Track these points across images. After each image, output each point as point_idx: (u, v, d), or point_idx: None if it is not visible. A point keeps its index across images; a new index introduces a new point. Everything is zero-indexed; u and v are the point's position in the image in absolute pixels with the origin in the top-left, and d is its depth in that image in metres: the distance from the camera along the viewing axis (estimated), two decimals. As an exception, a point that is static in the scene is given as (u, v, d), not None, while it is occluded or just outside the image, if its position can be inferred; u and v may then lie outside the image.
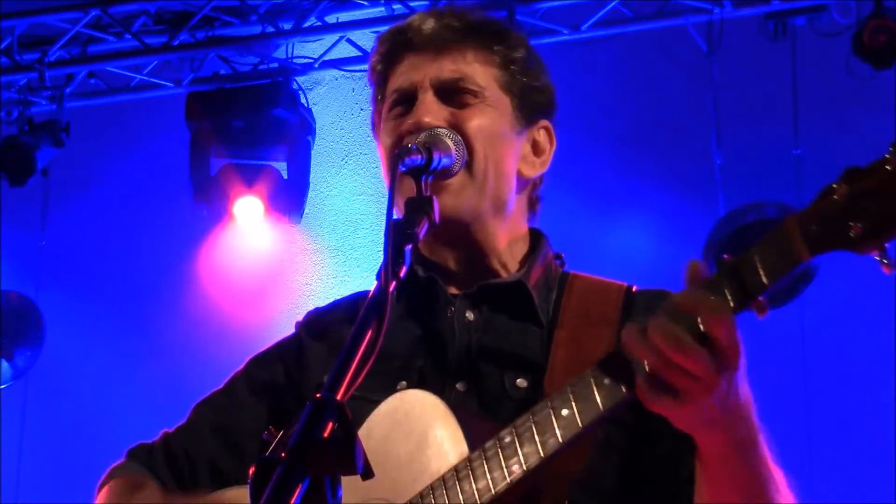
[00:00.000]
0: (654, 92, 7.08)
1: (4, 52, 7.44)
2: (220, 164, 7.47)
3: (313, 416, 1.67)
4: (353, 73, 7.54)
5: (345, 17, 7.33)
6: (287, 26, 7.28)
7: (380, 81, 2.56)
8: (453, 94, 2.44)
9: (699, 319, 1.89)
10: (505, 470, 2.09)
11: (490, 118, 2.44)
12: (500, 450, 2.10)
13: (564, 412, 2.05)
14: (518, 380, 2.33)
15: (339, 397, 1.70)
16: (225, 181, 7.42)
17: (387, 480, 2.19)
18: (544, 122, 2.55)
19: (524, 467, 2.07)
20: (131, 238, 7.89)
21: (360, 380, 1.75)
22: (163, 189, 7.85)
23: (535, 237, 2.54)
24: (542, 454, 2.07)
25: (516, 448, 2.09)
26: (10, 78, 7.52)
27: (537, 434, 2.07)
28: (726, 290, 1.91)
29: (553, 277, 2.48)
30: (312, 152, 7.52)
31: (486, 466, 2.11)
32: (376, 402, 2.29)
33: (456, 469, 2.14)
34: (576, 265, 2.54)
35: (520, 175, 2.49)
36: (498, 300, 2.42)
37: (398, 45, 2.51)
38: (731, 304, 1.90)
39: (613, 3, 6.83)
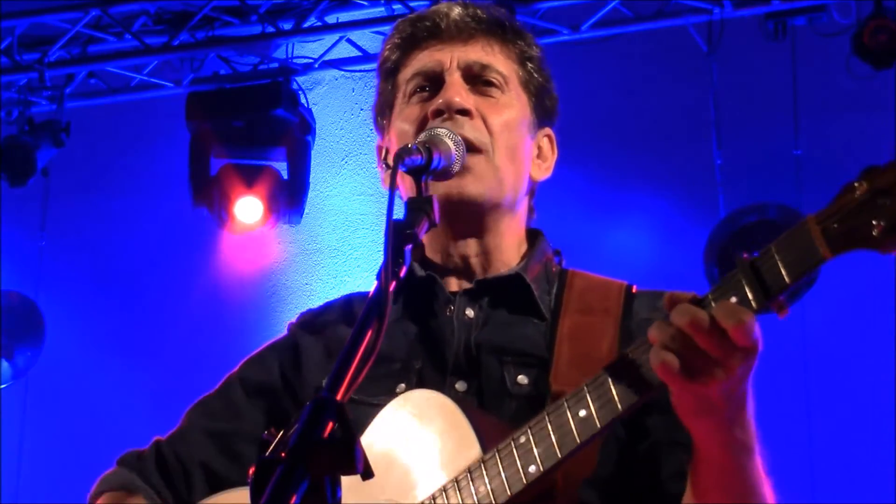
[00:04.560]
0: (654, 92, 7.07)
1: (4, 52, 7.43)
2: (220, 165, 7.48)
3: (313, 417, 1.66)
4: (353, 73, 7.54)
5: (345, 17, 7.33)
6: (287, 26, 7.27)
7: (392, 69, 2.51)
8: (479, 82, 2.43)
9: (721, 323, 1.85)
10: (521, 471, 2.07)
11: (513, 113, 2.44)
12: (514, 450, 2.08)
13: (582, 413, 2.04)
14: (519, 377, 2.31)
15: (338, 398, 1.70)
16: (225, 181, 7.42)
17: (396, 481, 2.18)
18: (548, 130, 2.54)
19: (541, 468, 2.06)
20: (131, 238, 7.89)
21: (359, 380, 1.74)
22: (163, 189, 7.85)
23: (533, 236, 2.53)
24: (559, 455, 2.05)
25: (532, 448, 2.07)
26: (10, 78, 7.52)
27: (554, 435, 2.06)
28: (747, 289, 1.87)
29: (552, 273, 2.47)
30: (312, 152, 7.52)
31: (501, 466, 2.09)
32: (374, 405, 2.27)
33: (469, 469, 2.12)
34: (576, 266, 2.53)
35: (529, 177, 2.49)
36: (497, 295, 2.41)
37: (421, 32, 2.48)
38: (754, 305, 1.86)
39: (613, 3, 6.83)
